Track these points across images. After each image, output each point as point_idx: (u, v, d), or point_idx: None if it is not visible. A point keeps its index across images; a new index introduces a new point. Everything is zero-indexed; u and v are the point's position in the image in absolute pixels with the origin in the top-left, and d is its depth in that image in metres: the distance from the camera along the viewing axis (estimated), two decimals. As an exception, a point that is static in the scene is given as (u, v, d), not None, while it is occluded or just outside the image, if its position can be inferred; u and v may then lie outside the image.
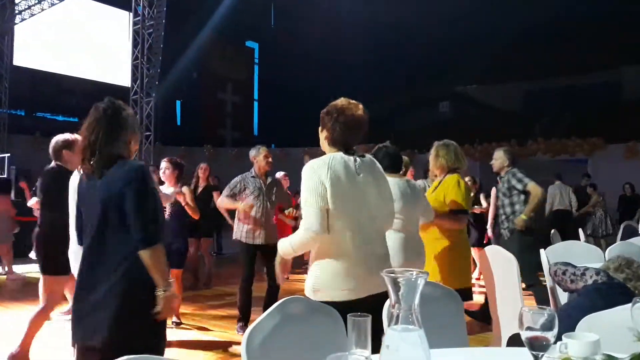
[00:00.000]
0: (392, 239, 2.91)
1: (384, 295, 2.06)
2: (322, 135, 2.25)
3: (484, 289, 3.96)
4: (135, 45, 12.98)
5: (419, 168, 6.23)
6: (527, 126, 12.74)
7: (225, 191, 4.59)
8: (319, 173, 2.08)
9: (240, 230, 4.57)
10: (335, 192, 2.08)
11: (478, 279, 5.95)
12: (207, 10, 15.23)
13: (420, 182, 4.87)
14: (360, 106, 2.25)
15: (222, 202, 4.60)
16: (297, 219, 5.84)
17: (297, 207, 5.40)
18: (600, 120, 11.55)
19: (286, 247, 2.21)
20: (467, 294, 3.41)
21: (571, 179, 8.88)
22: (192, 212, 4.45)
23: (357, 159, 2.20)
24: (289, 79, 16.42)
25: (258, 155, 4.63)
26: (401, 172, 3.35)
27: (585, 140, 11.16)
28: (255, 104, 20.54)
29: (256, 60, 20.74)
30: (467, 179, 5.96)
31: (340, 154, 2.19)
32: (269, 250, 4.57)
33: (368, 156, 2.29)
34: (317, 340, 1.61)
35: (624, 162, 10.53)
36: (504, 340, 2.64)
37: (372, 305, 1.88)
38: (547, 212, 8.42)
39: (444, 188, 3.48)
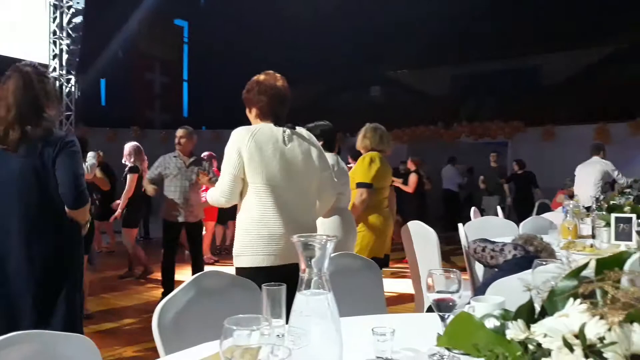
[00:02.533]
0: (327, 215, 2.99)
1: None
2: (252, 114, 2.26)
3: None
4: (53, 19, 12.19)
5: (346, 151, 6.31)
6: (453, 110, 13.17)
7: (148, 174, 4.66)
8: (239, 141, 2.11)
9: (162, 209, 4.63)
10: (254, 160, 2.10)
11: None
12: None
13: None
14: (279, 76, 2.28)
15: (145, 184, 4.71)
16: None
17: None
18: (521, 104, 12.12)
19: (211, 195, 2.26)
20: (384, 262, 3.64)
21: (496, 161, 9.30)
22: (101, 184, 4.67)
23: (287, 130, 2.22)
24: (220, 60, 16.05)
25: (182, 137, 4.71)
26: (335, 151, 3.44)
27: (507, 123, 11.70)
28: (185, 84, 19.93)
29: (185, 40, 20.08)
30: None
31: (270, 125, 2.20)
32: (191, 228, 4.63)
33: (301, 128, 2.30)
34: (234, 314, 1.59)
35: (541, 144, 11.13)
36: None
37: (293, 273, 1.92)
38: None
39: (357, 164, 3.66)
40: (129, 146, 5.54)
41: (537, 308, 0.81)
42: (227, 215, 6.47)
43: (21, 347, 0.97)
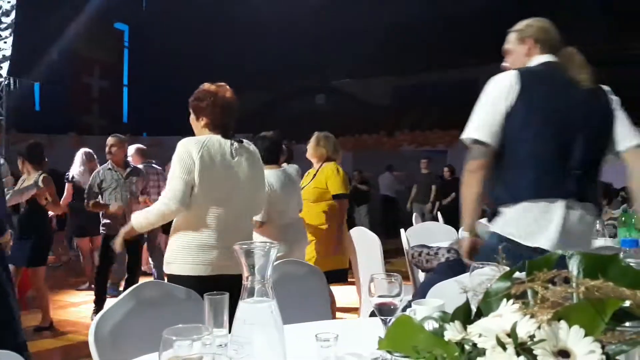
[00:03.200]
0: (274, 227, 2.97)
1: (236, 277, 2.17)
2: (200, 123, 2.25)
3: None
4: (-19, 18, 11.57)
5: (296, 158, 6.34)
6: (395, 119, 13.49)
7: (86, 194, 4.41)
8: (190, 150, 2.11)
9: (102, 224, 4.46)
10: (204, 170, 2.11)
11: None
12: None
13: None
14: (229, 88, 2.30)
15: (89, 207, 4.43)
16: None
17: None
18: (459, 114, 12.54)
19: (140, 220, 2.21)
20: (344, 275, 3.58)
21: (434, 169, 9.59)
22: (52, 208, 4.15)
23: (235, 143, 2.25)
24: (162, 65, 15.71)
25: (113, 146, 4.54)
26: (281, 161, 3.43)
27: (446, 132, 12.11)
28: (125, 89, 19.36)
29: (126, 44, 19.54)
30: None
31: (218, 136, 2.22)
32: (130, 242, 4.41)
33: (247, 142, 2.31)
34: (176, 325, 1.55)
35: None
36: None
37: (230, 284, 1.96)
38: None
39: (324, 175, 3.62)
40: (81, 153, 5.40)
41: (474, 309, 0.84)
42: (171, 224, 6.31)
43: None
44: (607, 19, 12.73)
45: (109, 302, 1.90)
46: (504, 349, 0.65)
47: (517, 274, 0.83)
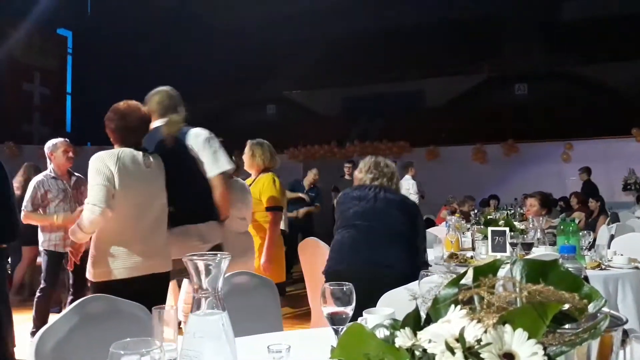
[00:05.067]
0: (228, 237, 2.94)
1: (160, 277, 2.31)
2: (111, 136, 2.45)
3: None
4: None
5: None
6: (345, 130, 13.62)
7: (27, 206, 3.89)
8: (106, 161, 2.29)
9: (48, 240, 4.04)
10: (121, 179, 2.27)
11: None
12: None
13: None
14: (140, 106, 2.51)
15: (29, 220, 3.94)
16: None
17: None
18: (406, 125, 12.84)
19: (76, 231, 2.37)
20: (281, 289, 3.56)
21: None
22: None
23: (147, 154, 2.43)
24: (107, 72, 15.30)
25: (55, 151, 4.07)
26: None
27: (394, 143, 12.33)
28: (68, 97, 18.70)
29: (69, 50, 18.90)
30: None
31: (130, 149, 2.39)
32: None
33: (155, 154, 2.50)
34: (121, 339, 1.51)
35: (426, 163, 11.86)
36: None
37: (147, 285, 2.13)
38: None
39: (259, 186, 3.57)
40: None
41: (423, 316, 0.86)
42: None
43: None
44: (542, 38, 13.41)
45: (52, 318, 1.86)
46: (453, 353, 0.67)
47: (463, 280, 0.86)
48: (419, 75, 13.94)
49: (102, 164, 2.28)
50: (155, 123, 2.65)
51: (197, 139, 2.62)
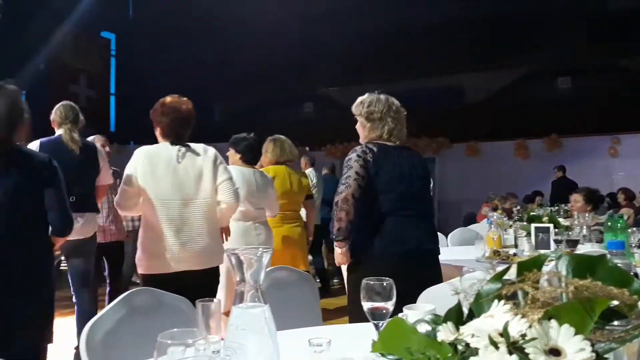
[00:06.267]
0: (234, 226, 2.99)
1: (206, 273, 2.32)
2: (157, 132, 2.51)
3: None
4: (-34, 28, 11.46)
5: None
6: (382, 126, 13.51)
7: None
8: (136, 160, 2.37)
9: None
10: (146, 178, 2.33)
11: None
12: (56, -2, 13.91)
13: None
14: (185, 100, 2.52)
15: None
16: None
17: None
18: (445, 121, 12.66)
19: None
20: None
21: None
22: None
23: (182, 148, 2.45)
24: (150, 73, 15.66)
25: None
26: (258, 164, 3.46)
27: (433, 139, 12.17)
28: (112, 98, 19.26)
29: (113, 52, 19.46)
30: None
31: (166, 144, 2.45)
32: (113, 248, 4.31)
33: (200, 146, 2.44)
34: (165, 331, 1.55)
35: (466, 159, 11.67)
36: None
37: (194, 281, 2.14)
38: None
39: None
40: None
41: (465, 311, 0.85)
42: None
43: None
44: (586, 29, 12.96)
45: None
46: (497, 348, 0.66)
47: (507, 276, 0.84)
48: (459, 70, 13.70)
49: (131, 164, 2.37)
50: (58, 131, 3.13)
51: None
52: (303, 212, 4.08)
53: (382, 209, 2.25)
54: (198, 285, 2.26)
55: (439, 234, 4.18)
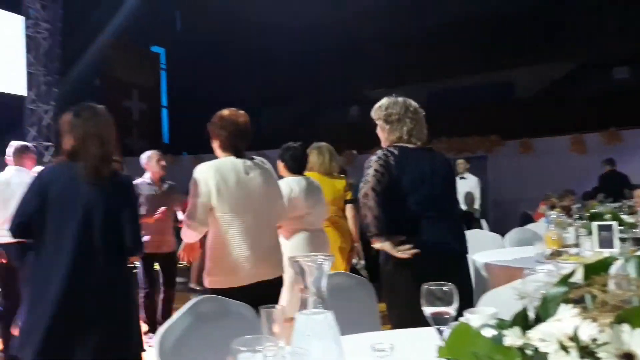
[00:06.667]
0: (295, 236, 3.04)
1: (271, 283, 2.32)
2: (214, 145, 2.52)
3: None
4: (29, 51, 12.14)
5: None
6: (431, 126, 13.33)
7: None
8: (206, 174, 2.34)
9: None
10: (220, 192, 2.32)
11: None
12: (107, 15, 14.57)
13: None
14: (242, 113, 2.53)
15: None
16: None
17: None
18: (496, 118, 12.36)
19: (185, 236, 2.45)
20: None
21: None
22: None
23: (247, 161, 2.47)
24: (200, 85, 16.11)
25: (150, 161, 4.45)
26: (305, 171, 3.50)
27: (485, 137, 11.90)
28: (164, 110, 19.92)
29: (163, 66, 20.13)
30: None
31: (231, 158, 2.45)
32: (166, 258, 4.43)
33: (258, 158, 2.48)
34: (231, 338, 1.61)
35: (519, 157, 11.35)
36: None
37: (260, 291, 2.14)
38: None
39: None
40: None
41: (530, 315, 0.85)
42: None
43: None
44: (637, 17, 12.36)
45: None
46: (567, 352, 0.66)
47: (573, 279, 0.83)
48: (508, 64, 13.35)
49: (201, 178, 2.34)
50: None
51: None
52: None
53: (408, 211, 2.26)
54: (267, 294, 2.24)
55: (495, 234, 4.11)
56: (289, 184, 3.19)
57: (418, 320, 1.73)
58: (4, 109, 12.61)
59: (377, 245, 2.18)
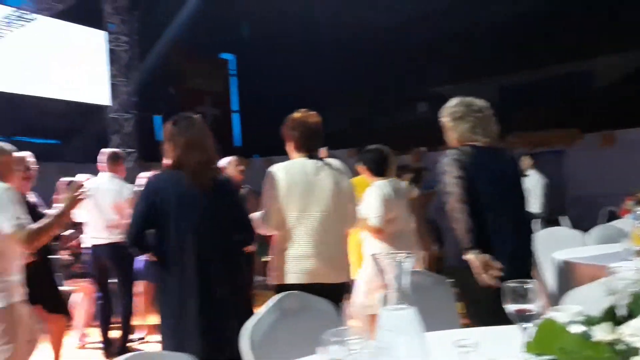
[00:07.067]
0: (385, 235, 3.06)
1: (333, 288, 2.32)
2: (289, 147, 2.58)
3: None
4: (111, 63, 12.95)
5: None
6: (504, 120, 12.89)
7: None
8: (276, 176, 2.39)
9: None
10: (288, 192, 2.38)
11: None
12: (179, 25, 15.18)
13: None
14: (313, 114, 2.58)
15: None
16: None
17: None
18: (575, 110, 11.78)
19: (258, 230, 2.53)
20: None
21: (550, 170, 8.99)
22: None
23: (318, 162, 2.51)
24: (269, 88, 16.46)
25: (229, 166, 4.63)
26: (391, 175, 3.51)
27: (562, 131, 11.36)
28: (235, 115, 20.56)
29: (232, 72, 20.76)
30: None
31: (302, 159, 2.50)
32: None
33: (331, 160, 2.50)
34: (314, 332, 1.67)
35: (599, 150, 10.77)
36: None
37: (327, 292, 2.12)
38: None
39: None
40: None
41: (620, 312, 0.85)
42: None
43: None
44: None
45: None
46: (661, 348, 0.66)
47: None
48: (586, 53, 12.68)
49: (272, 179, 2.41)
50: None
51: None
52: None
53: (482, 210, 2.24)
54: (327, 298, 2.22)
55: (576, 232, 3.95)
56: (380, 188, 3.22)
57: (497, 319, 1.72)
58: (89, 119, 13.55)
59: (470, 257, 2.14)
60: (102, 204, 4.00)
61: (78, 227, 4.24)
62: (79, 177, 4.15)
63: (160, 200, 2.16)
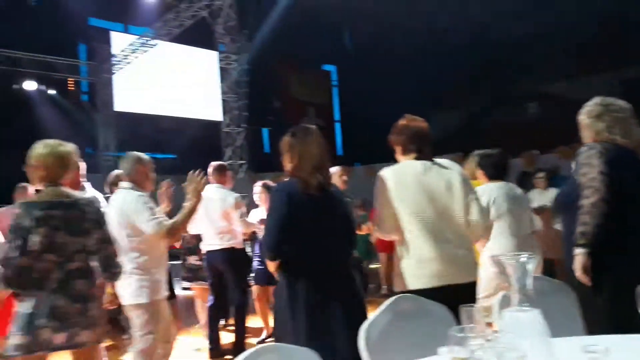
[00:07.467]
0: (501, 243, 2.97)
1: (463, 288, 2.24)
2: (397, 151, 2.56)
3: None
4: (222, 80, 13.77)
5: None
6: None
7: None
8: (385, 180, 2.38)
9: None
10: (399, 195, 2.36)
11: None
12: (283, 40, 15.76)
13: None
14: (419, 118, 2.57)
15: None
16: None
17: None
18: None
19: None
20: None
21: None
22: None
23: (427, 162, 2.46)
24: (370, 97, 16.56)
25: (334, 177, 4.72)
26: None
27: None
28: (337, 125, 20.90)
29: (334, 83, 21.16)
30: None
31: (411, 161, 2.47)
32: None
33: (441, 161, 2.46)
34: (428, 334, 1.67)
35: None
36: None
37: (451, 295, 2.04)
38: None
39: None
40: None
41: None
42: None
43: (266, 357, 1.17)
44: None
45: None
46: None
47: None
48: None
49: (383, 184, 2.40)
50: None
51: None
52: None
53: (622, 210, 2.12)
54: (458, 299, 2.09)
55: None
56: (490, 189, 3.18)
57: (623, 326, 1.60)
58: (204, 134, 14.51)
59: (579, 252, 2.03)
60: (211, 213, 4.26)
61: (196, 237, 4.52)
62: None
63: (294, 209, 2.27)
